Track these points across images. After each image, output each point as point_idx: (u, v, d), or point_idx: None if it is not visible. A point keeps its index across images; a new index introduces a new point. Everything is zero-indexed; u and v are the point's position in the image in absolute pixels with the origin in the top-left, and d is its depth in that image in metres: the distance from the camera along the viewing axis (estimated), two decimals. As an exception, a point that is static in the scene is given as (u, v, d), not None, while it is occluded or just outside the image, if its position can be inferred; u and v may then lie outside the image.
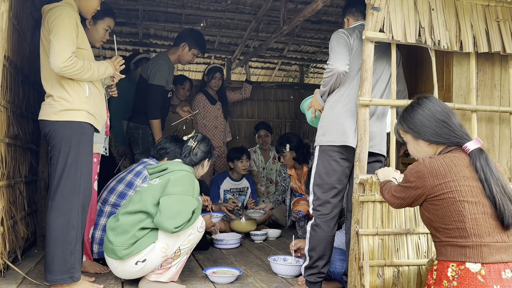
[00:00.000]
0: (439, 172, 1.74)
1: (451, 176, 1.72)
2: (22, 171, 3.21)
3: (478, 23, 2.63)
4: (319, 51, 6.27)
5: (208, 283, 2.75)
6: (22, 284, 2.62)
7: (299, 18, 3.82)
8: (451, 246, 1.72)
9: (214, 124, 5.09)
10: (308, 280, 2.52)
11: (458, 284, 1.64)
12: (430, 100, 1.93)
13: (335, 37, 2.58)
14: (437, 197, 1.74)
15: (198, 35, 4.04)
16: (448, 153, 1.82)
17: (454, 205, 1.71)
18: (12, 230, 2.91)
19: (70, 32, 2.41)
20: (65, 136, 2.44)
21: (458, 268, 1.67)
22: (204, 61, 6.46)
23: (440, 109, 1.89)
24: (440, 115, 1.87)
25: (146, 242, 2.48)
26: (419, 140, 1.91)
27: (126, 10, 4.82)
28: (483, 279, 1.62)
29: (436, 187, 1.74)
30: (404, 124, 1.96)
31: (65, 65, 2.36)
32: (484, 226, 1.68)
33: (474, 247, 1.67)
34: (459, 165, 1.75)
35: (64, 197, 2.42)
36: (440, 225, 1.76)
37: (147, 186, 2.62)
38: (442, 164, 1.75)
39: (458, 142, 1.83)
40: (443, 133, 1.85)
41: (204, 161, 2.86)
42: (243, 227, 4.22)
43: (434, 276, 1.75)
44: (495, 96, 2.78)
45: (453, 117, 1.87)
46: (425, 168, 1.77)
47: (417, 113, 1.91)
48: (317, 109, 2.71)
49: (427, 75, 3.03)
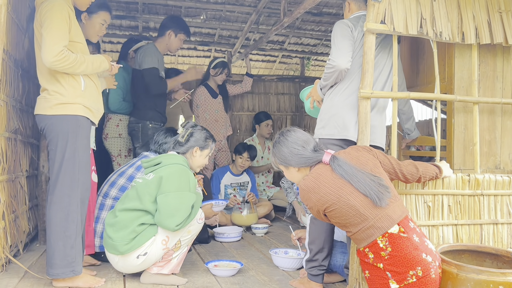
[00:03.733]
0: (312, 187, 2.06)
1: (325, 188, 2.03)
2: (23, 165, 3.21)
3: (480, 14, 2.60)
4: (320, 44, 6.24)
5: (210, 276, 2.76)
6: (24, 278, 2.63)
7: (299, 10, 3.80)
8: (364, 230, 1.98)
9: (215, 118, 5.08)
10: (309, 273, 2.52)
11: (392, 247, 1.93)
12: (288, 135, 2.25)
13: (339, 29, 2.52)
14: (329, 208, 2.03)
15: (180, 21, 4.07)
16: (314, 170, 2.15)
17: (345, 208, 2.00)
18: (13, 224, 2.92)
19: (62, 25, 2.38)
20: (61, 130, 2.43)
21: (384, 237, 1.96)
22: (204, 55, 6.44)
23: (297, 142, 2.21)
24: (297, 148, 2.19)
25: (146, 236, 2.48)
26: (289, 167, 2.24)
27: (125, 3, 4.80)
28: (405, 234, 1.95)
29: (319, 201, 2.04)
30: (275, 158, 2.30)
31: (56, 59, 2.33)
32: (373, 205, 1.98)
33: (381, 220, 1.97)
34: (326, 175, 2.07)
35: (63, 191, 2.42)
36: (346, 223, 2.03)
37: (142, 182, 2.58)
38: (312, 180, 2.09)
39: (317, 160, 2.17)
40: (303, 159, 2.18)
41: (193, 149, 2.78)
42: (244, 221, 4.22)
43: (370, 255, 1.99)
44: (497, 88, 2.77)
45: (308, 145, 2.20)
46: (305, 189, 2.10)
47: (281, 149, 2.24)
48: (316, 100, 2.70)
49: (428, 67, 3.01)
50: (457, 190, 2.51)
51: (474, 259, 2.31)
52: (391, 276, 1.93)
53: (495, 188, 2.58)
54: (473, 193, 2.54)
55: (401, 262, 1.91)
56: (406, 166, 2.25)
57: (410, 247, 1.92)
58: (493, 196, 2.58)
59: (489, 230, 2.56)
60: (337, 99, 2.53)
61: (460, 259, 2.28)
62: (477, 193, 2.54)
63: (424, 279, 1.90)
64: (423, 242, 1.97)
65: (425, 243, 1.98)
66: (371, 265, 2.00)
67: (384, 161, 2.20)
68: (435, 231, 2.48)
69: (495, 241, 2.57)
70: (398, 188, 2.41)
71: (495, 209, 2.58)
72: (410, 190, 2.43)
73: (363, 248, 2.02)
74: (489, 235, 2.56)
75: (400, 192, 2.40)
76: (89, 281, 2.50)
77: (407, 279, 1.90)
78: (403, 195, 2.42)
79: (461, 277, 1.96)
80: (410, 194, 2.43)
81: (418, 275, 1.90)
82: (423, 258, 1.91)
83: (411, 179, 2.29)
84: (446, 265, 2.03)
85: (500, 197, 2.59)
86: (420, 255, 1.91)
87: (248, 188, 4.82)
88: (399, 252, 1.92)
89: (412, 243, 1.93)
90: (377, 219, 1.97)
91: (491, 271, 1.93)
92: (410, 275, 1.90)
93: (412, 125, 3.12)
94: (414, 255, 1.91)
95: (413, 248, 1.92)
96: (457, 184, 2.51)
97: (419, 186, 2.45)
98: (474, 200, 2.55)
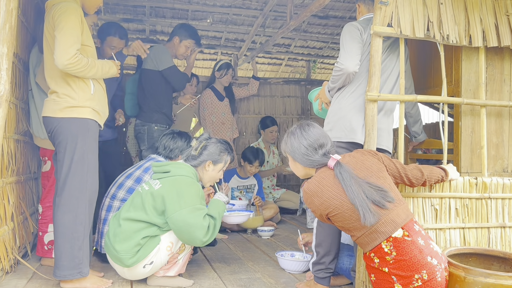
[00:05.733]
0: (315, 191, 2.07)
1: (328, 192, 2.03)
2: (31, 167, 3.24)
3: (488, 17, 2.60)
4: (326, 47, 6.24)
5: (217, 279, 2.77)
6: (32, 279, 2.65)
7: (306, 13, 3.81)
8: (368, 235, 1.98)
9: (221, 120, 5.10)
10: (316, 275, 2.52)
11: (397, 252, 1.93)
12: (306, 130, 2.22)
13: (348, 31, 2.52)
14: (332, 212, 2.03)
15: (189, 28, 4.12)
16: (318, 173, 2.15)
17: (348, 212, 1.99)
18: (22, 225, 2.94)
19: (75, 28, 2.40)
20: (71, 133, 2.45)
21: (388, 241, 1.95)
22: (211, 58, 6.46)
23: (311, 142, 2.18)
24: (307, 149, 2.17)
25: (150, 247, 2.46)
26: (296, 161, 2.24)
27: (133, 6, 4.83)
28: (409, 237, 1.94)
29: (322, 205, 2.04)
30: (286, 146, 2.28)
31: (70, 62, 2.36)
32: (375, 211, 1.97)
33: (384, 225, 1.96)
34: (329, 179, 2.07)
35: (72, 193, 2.43)
36: (349, 227, 2.03)
37: (148, 190, 2.55)
38: (315, 184, 2.08)
39: (323, 164, 2.16)
40: (309, 161, 2.18)
41: (205, 163, 2.74)
42: (250, 223, 4.22)
43: (376, 260, 1.98)
44: (505, 91, 2.76)
45: (321, 148, 2.17)
46: (308, 193, 2.10)
47: (293, 143, 2.22)
48: (324, 102, 2.71)
49: (435, 69, 3.00)
50: (464, 193, 2.50)
51: (482, 262, 2.30)
52: (396, 280, 1.93)
53: (503, 192, 2.57)
54: (481, 196, 2.53)
55: (406, 266, 1.91)
56: (411, 170, 2.25)
57: (415, 251, 1.91)
58: (500, 199, 2.57)
59: (497, 234, 2.55)
60: (345, 101, 2.53)
61: (467, 263, 2.27)
62: (484, 196, 2.53)
63: (429, 283, 1.89)
64: (428, 245, 1.96)
65: (430, 245, 1.97)
66: (377, 269, 2.00)
67: (390, 165, 2.20)
68: (442, 234, 2.47)
69: (503, 245, 2.56)
70: (405, 191, 2.41)
71: (502, 213, 2.57)
72: (417, 193, 2.43)
73: (369, 253, 2.02)
74: (496, 238, 2.55)
75: (407, 195, 2.39)
76: (97, 283, 2.51)
77: (413, 282, 1.90)
78: (410, 198, 2.42)
79: (468, 280, 1.95)
80: (417, 197, 2.43)
81: (423, 279, 1.89)
82: (428, 261, 1.90)
83: (416, 183, 2.28)
84: (453, 268, 2.02)
85: (508, 200, 2.58)
86: (425, 258, 1.91)
87: (254, 191, 4.83)
88: (404, 256, 1.92)
89: (417, 246, 1.93)
90: (380, 223, 1.96)
91: (499, 275, 1.92)
92: (415, 279, 1.89)
93: (419, 128, 3.12)
94: (419, 258, 1.90)
95: (418, 251, 1.91)
96: (464, 187, 2.50)
97: (426, 189, 2.44)
98: (482, 204, 2.54)
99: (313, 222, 4.12)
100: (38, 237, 2.98)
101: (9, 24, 2.26)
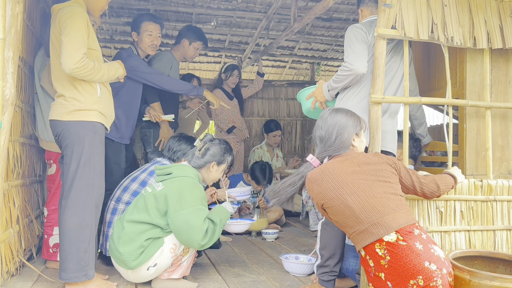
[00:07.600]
0: (316, 179, 2.11)
1: (327, 183, 2.07)
2: (37, 170, 3.25)
3: (492, 19, 2.59)
4: (330, 49, 6.24)
5: (221, 282, 2.77)
6: (37, 282, 2.66)
7: (309, 16, 3.81)
8: (358, 233, 1.98)
9: (232, 120, 5.18)
10: (321, 278, 2.51)
11: (391, 256, 1.90)
12: (332, 116, 2.22)
13: (353, 33, 2.51)
14: (327, 204, 2.06)
15: (197, 29, 4.16)
16: (328, 162, 2.17)
17: (342, 207, 2.01)
18: (27, 228, 2.95)
19: (81, 32, 2.42)
20: (78, 136, 2.46)
21: (382, 245, 1.92)
22: (215, 60, 6.47)
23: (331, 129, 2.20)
24: (325, 138, 2.21)
25: (154, 249, 2.47)
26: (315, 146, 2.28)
27: (137, 10, 4.85)
28: (404, 242, 1.90)
29: (320, 194, 2.08)
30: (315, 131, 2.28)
31: (77, 66, 2.37)
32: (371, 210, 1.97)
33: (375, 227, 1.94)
34: (333, 169, 2.11)
35: (78, 196, 2.44)
36: (342, 222, 2.05)
37: (151, 192, 2.56)
38: (318, 172, 2.14)
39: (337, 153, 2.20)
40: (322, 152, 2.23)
41: (210, 164, 2.76)
42: (255, 226, 4.22)
43: (371, 264, 1.96)
44: (510, 93, 2.75)
45: (343, 132, 2.19)
46: (310, 179, 2.15)
47: (316, 131, 2.26)
48: (319, 101, 2.67)
49: (440, 71, 3.00)
50: (469, 196, 2.49)
51: (487, 265, 2.29)
52: (392, 286, 1.90)
53: (508, 194, 2.55)
54: (486, 198, 2.52)
55: (400, 271, 1.87)
56: (428, 185, 2.22)
57: (411, 255, 1.87)
58: (506, 201, 2.56)
59: (503, 236, 2.54)
60: (349, 104, 2.52)
61: (472, 266, 2.26)
62: (490, 198, 2.52)
63: None
64: (428, 249, 1.91)
65: (431, 250, 1.91)
66: (374, 277, 1.97)
67: (406, 176, 2.16)
68: (447, 237, 2.46)
69: (509, 248, 2.54)
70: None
71: (508, 215, 2.55)
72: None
73: (364, 255, 2.00)
74: (502, 241, 2.53)
75: (412, 198, 2.38)
76: (102, 285, 2.52)
77: None
78: (414, 201, 2.41)
79: (474, 283, 1.94)
80: (422, 199, 2.42)
81: (419, 284, 1.84)
82: (425, 267, 1.85)
83: (431, 196, 2.26)
84: (458, 271, 2.01)
85: (514, 202, 2.57)
86: (422, 264, 1.85)
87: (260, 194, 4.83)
88: (398, 260, 1.88)
89: (413, 251, 1.88)
90: (371, 224, 1.95)
91: (505, 278, 1.91)
92: (410, 285, 1.85)
93: (424, 131, 3.11)
94: (415, 263, 1.86)
95: (414, 256, 1.87)
96: (469, 189, 2.49)
97: (431, 191, 2.43)
98: (487, 206, 2.53)
99: (316, 225, 4.13)
100: (43, 240, 2.99)
101: (15, 28, 2.28)
